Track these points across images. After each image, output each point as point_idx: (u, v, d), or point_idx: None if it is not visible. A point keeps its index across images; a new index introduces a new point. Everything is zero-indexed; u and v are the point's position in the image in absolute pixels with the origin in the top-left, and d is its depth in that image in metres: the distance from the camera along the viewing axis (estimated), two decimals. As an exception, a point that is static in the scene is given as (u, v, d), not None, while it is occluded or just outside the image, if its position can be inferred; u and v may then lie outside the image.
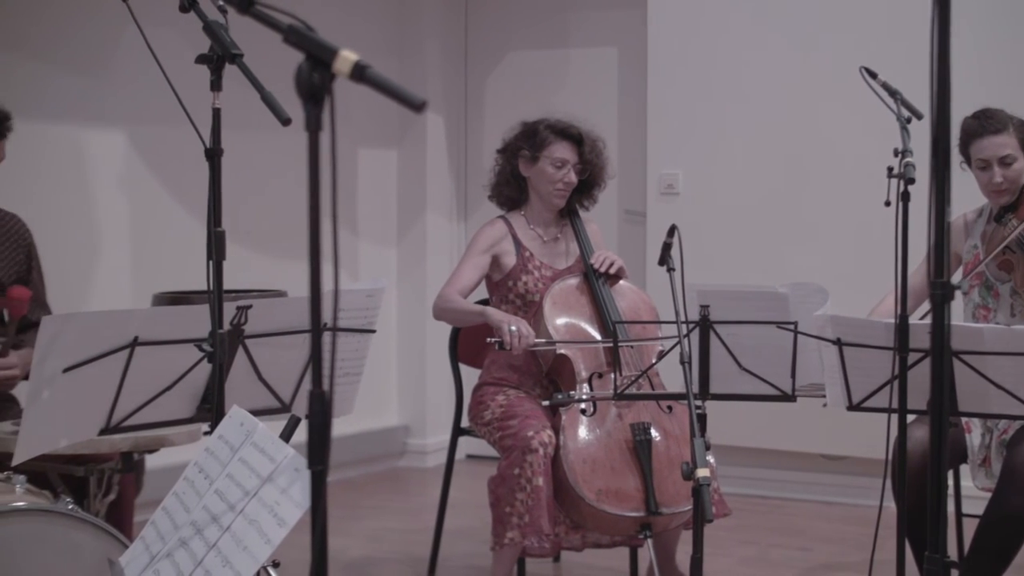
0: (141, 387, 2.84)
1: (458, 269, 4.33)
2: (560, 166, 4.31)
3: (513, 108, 6.67)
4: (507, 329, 4.03)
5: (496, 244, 4.33)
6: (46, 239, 4.06)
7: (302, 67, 1.67)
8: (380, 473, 6.66)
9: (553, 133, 4.32)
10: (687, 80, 6.15)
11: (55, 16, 5.31)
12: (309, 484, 1.73)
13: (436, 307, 4.30)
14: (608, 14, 6.71)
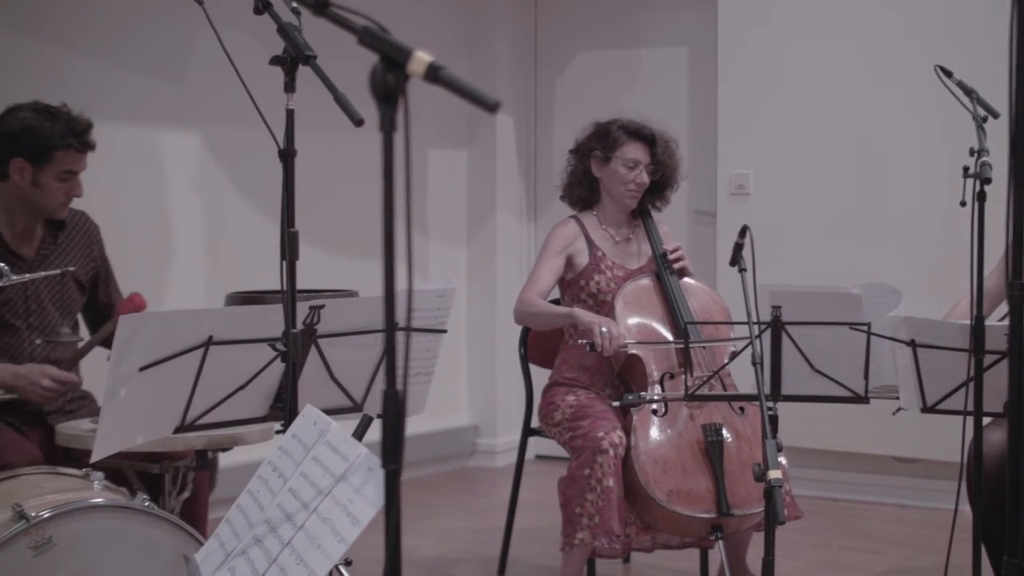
0: (215, 386, 2.87)
1: (535, 271, 4.32)
2: (632, 167, 4.30)
3: (583, 108, 6.67)
4: (598, 331, 4.02)
5: (570, 244, 4.33)
6: (122, 239, 4.11)
7: (376, 68, 1.67)
8: (450, 473, 6.68)
9: (626, 133, 4.31)
10: (758, 79, 6.11)
11: (131, 20, 5.38)
12: (382, 483, 1.74)
13: (518, 312, 4.29)
14: (678, 13, 6.69)
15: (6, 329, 3.74)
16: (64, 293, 3.85)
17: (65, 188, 3.75)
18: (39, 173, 3.72)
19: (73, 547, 2.68)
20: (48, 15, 5.13)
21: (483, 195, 6.94)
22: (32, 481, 2.97)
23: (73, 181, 3.76)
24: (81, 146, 3.74)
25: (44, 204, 3.76)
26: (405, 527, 1.80)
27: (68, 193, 3.76)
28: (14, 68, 4.94)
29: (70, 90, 4.17)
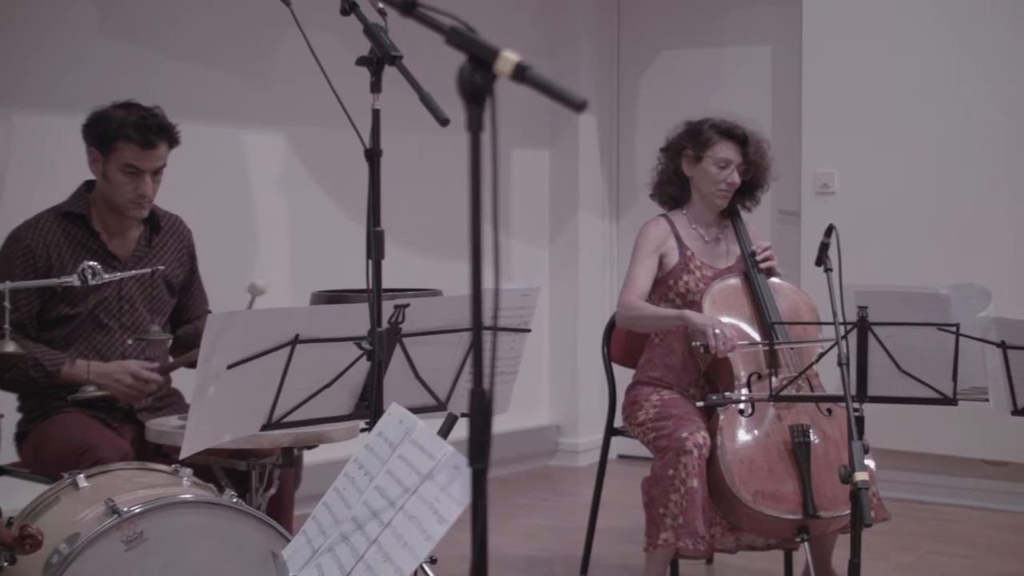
0: (301, 384, 2.90)
1: (631, 273, 4.29)
2: (723, 166, 4.27)
3: (666, 107, 6.64)
4: (711, 332, 4.00)
5: (662, 244, 4.31)
6: (207, 238, 4.15)
7: (464, 68, 1.68)
8: (532, 472, 6.68)
9: (717, 133, 4.28)
10: (843, 77, 6.04)
11: (217, 20, 5.44)
12: (469, 481, 1.74)
13: (622, 316, 4.28)
14: (762, 11, 6.64)
15: (99, 329, 3.80)
16: (155, 295, 3.89)
17: (132, 185, 3.74)
18: (107, 164, 3.76)
19: (163, 542, 2.72)
20: (138, 18, 5.21)
21: (566, 194, 6.94)
22: (123, 476, 3.01)
23: (140, 179, 3.74)
24: (142, 140, 3.71)
25: (114, 199, 3.77)
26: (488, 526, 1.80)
27: (136, 191, 3.74)
28: (106, 70, 5.02)
29: (159, 91, 4.23)
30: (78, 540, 2.65)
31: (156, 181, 3.80)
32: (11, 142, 4.86)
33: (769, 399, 3.87)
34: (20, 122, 4.89)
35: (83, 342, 3.78)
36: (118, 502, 2.72)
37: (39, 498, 3.00)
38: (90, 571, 2.65)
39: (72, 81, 4.95)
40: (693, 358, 4.20)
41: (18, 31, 4.85)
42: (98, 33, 5.07)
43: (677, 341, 4.25)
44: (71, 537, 2.68)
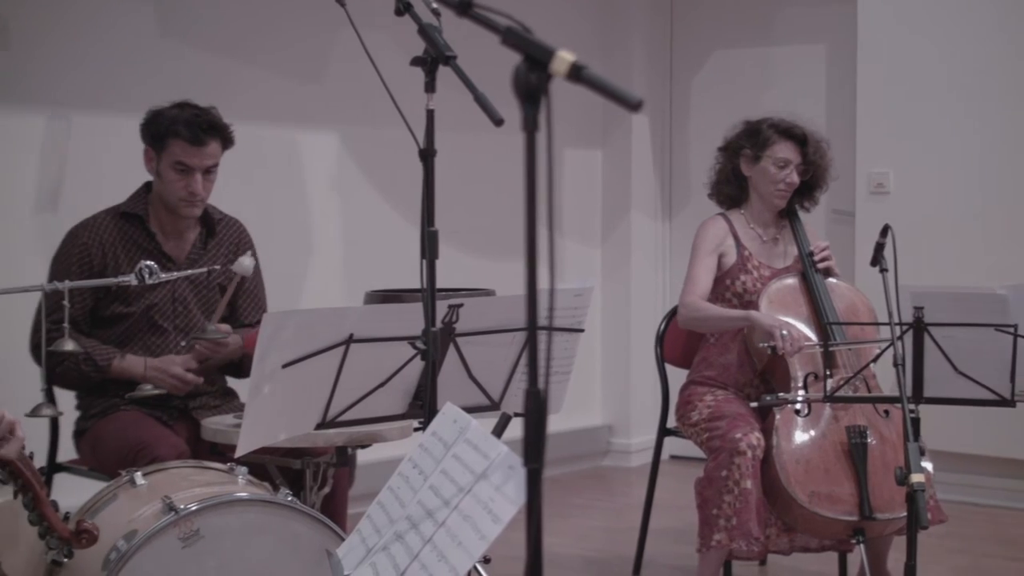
0: (355, 383, 2.91)
1: (692, 273, 4.27)
2: (783, 166, 4.25)
3: (719, 107, 6.62)
4: (779, 334, 3.98)
5: (721, 243, 4.29)
6: (262, 238, 4.18)
7: (519, 68, 1.68)
8: (584, 472, 6.67)
9: (777, 132, 4.26)
10: (898, 76, 5.99)
11: (271, 21, 5.47)
12: (524, 481, 1.75)
13: (685, 317, 4.25)
14: (816, 10, 6.60)
15: (154, 330, 3.83)
16: (208, 296, 3.92)
17: (183, 182, 3.76)
18: (159, 162, 3.79)
19: (219, 539, 2.73)
20: (195, 19, 5.25)
21: (618, 194, 6.92)
22: (180, 474, 3.03)
23: (191, 177, 3.76)
24: (191, 137, 3.74)
25: (167, 197, 3.80)
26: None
27: (186, 188, 3.76)
28: (163, 71, 5.06)
29: (214, 92, 4.26)
30: (136, 537, 2.68)
31: (208, 180, 3.81)
32: (70, 142, 4.92)
33: (823, 400, 3.84)
34: (79, 123, 4.94)
35: (137, 341, 3.81)
36: (175, 500, 2.74)
37: (97, 495, 3.03)
38: (147, 567, 2.67)
39: (129, 82, 5.00)
40: (749, 357, 4.18)
41: (77, 33, 4.90)
42: (156, 35, 5.12)
43: (732, 340, 4.23)
44: (129, 534, 2.70)
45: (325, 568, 2.75)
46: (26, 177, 4.83)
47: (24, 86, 4.79)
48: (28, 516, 2.36)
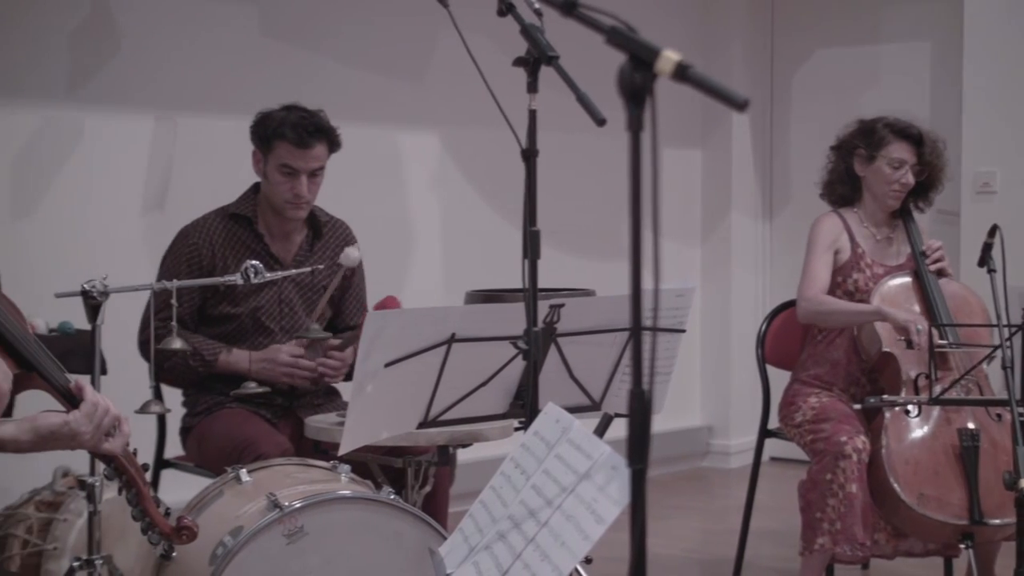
0: (457, 382, 2.92)
1: (809, 267, 4.21)
2: (897, 167, 4.19)
3: (820, 106, 6.55)
4: (914, 328, 3.94)
5: (836, 239, 4.24)
6: (363, 238, 4.21)
7: (624, 68, 1.67)
8: (683, 473, 6.64)
9: (892, 132, 4.20)
10: (1006, 74, 5.89)
11: (374, 23, 5.52)
12: (627, 482, 1.74)
13: (808, 311, 4.19)
14: (921, 7, 6.50)
15: (261, 331, 3.88)
16: (313, 299, 3.95)
17: (288, 184, 3.78)
18: (266, 164, 3.82)
19: (323, 536, 2.76)
20: (298, 21, 5.31)
21: (718, 194, 6.88)
22: (284, 472, 3.07)
23: (296, 180, 3.79)
24: (296, 139, 3.75)
25: (273, 199, 3.84)
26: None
27: (292, 190, 3.79)
28: (266, 73, 5.13)
29: (317, 92, 4.31)
30: (242, 533, 2.71)
31: (314, 183, 3.84)
32: (176, 143, 5.00)
33: (929, 402, 3.78)
34: (184, 124, 5.02)
35: (244, 341, 3.86)
36: (279, 497, 2.77)
37: (203, 491, 3.08)
38: (253, 563, 2.70)
39: (233, 84, 5.07)
40: (857, 354, 4.13)
41: (183, 36, 4.98)
42: (259, 36, 5.19)
43: (840, 336, 4.19)
44: (235, 530, 2.74)
45: (427, 566, 2.77)
46: (134, 178, 4.93)
47: (132, 89, 4.88)
48: (131, 512, 2.40)
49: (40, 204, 4.68)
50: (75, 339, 3.75)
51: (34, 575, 3.48)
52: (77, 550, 3.47)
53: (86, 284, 2.86)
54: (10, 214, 4.54)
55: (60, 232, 4.68)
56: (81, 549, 3.25)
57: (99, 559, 2.79)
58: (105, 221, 4.80)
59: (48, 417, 2.19)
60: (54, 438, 2.19)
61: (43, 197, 4.69)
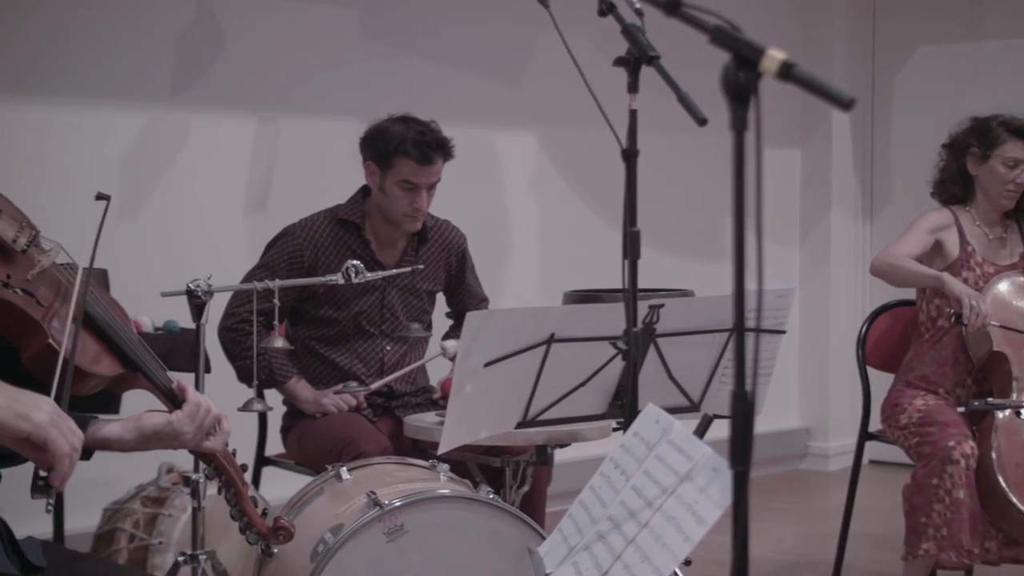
0: (556, 382, 2.92)
1: (904, 237, 4.17)
2: (1012, 166, 4.12)
3: (923, 105, 6.46)
4: (968, 303, 3.89)
5: (941, 229, 4.18)
6: (462, 237, 4.23)
7: (728, 67, 1.66)
8: (781, 475, 6.59)
9: (1007, 131, 4.13)
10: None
11: (472, 24, 5.55)
12: (729, 483, 1.73)
13: (881, 261, 4.15)
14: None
15: (362, 335, 3.91)
16: (415, 304, 3.98)
17: (408, 199, 3.80)
18: (384, 178, 3.83)
19: (422, 535, 2.78)
20: (397, 22, 5.35)
21: (817, 194, 6.82)
22: (384, 470, 3.09)
23: (416, 194, 3.80)
24: (419, 156, 3.77)
25: (390, 212, 3.85)
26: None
27: (411, 204, 3.81)
28: (366, 74, 5.18)
29: (415, 93, 4.35)
30: (342, 531, 2.74)
31: (430, 195, 3.86)
32: (278, 144, 5.06)
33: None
34: (286, 125, 5.08)
35: (345, 344, 3.90)
36: (380, 495, 2.79)
37: (304, 489, 3.11)
38: (353, 561, 2.73)
39: (334, 85, 5.13)
40: (965, 353, 4.07)
41: (285, 38, 5.04)
42: (359, 38, 5.24)
43: (947, 335, 4.13)
44: (335, 528, 2.76)
45: (525, 565, 2.77)
46: (237, 179, 5.00)
47: (235, 91, 4.95)
48: (230, 511, 2.43)
49: (145, 204, 4.76)
50: (179, 338, 3.82)
51: (140, 568, 3.54)
52: (181, 545, 3.53)
53: (191, 284, 2.89)
54: (117, 214, 4.61)
55: (164, 232, 4.76)
56: (185, 544, 3.30)
57: (203, 554, 2.82)
58: (208, 221, 4.88)
59: (152, 417, 2.23)
60: (157, 437, 2.22)
61: (148, 198, 4.77)
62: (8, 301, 2.05)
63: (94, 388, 2.19)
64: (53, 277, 2.16)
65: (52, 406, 1.91)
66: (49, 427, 1.87)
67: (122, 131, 4.71)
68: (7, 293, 2.05)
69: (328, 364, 3.92)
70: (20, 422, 1.86)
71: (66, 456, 1.89)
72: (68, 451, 1.89)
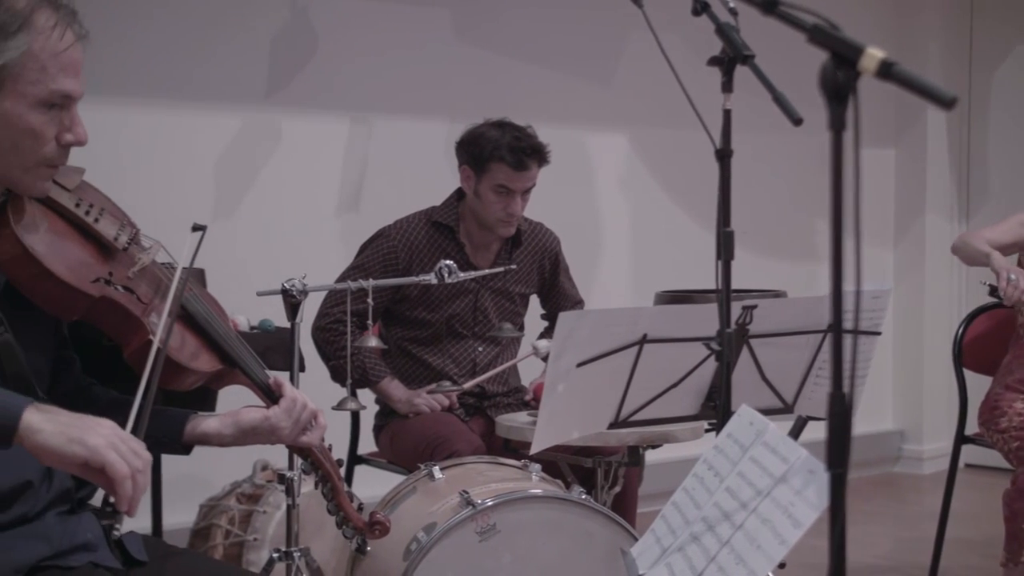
0: (648, 383, 2.91)
1: (996, 224, 4.17)
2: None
3: (1021, 104, 6.35)
4: (1005, 276, 3.84)
5: None
6: (553, 238, 4.24)
7: (826, 66, 1.65)
8: (874, 478, 6.51)
9: None
10: None
11: (563, 24, 5.55)
12: (826, 486, 1.72)
13: (957, 237, 4.19)
14: None
15: (455, 338, 3.93)
16: (508, 307, 3.99)
17: (502, 204, 3.82)
18: (479, 183, 3.85)
19: (515, 534, 2.78)
20: (489, 24, 5.37)
21: (912, 195, 6.73)
22: (476, 470, 3.10)
23: (510, 198, 3.82)
24: (515, 162, 3.79)
25: (484, 216, 3.87)
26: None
27: (506, 209, 3.83)
28: (459, 75, 5.20)
29: (507, 94, 4.36)
30: (435, 529, 2.75)
31: (524, 200, 3.87)
32: (370, 145, 5.10)
33: None
34: (379, 126, 5.12)
35: (438, 345, 3.92)
36: (472, 494, 2.80)
37: (397, 487, 3.13)
38: (446, 559, 2.74)
39: (427, 85, 5.15)
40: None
41: (377, 39, 5.08)
42: (452, 38, 5.26)
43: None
44: (428, 526, 2.78)
45: (618, 566, 2.77)
46: (330, 179, 5.04)
47: (329, 92, 5.00)
48: (327, 506, 2.45)
49: (240, 205, 4.82)
50: (275, 336, 3.86)
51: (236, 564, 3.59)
52: (276, 542, 3.57)
53: (286, 283, 2.92)
54: (213, 214, 4.69)
55: (259, 231, 4.82)
56: (280, 541, 3.34)
57: (297, 551, 2.85)
58: (301, 221, 4.92)
59: (249, 412, 2.25)
60: (255, 433, 2.25)
61: (243, 198, 4.83)
62: (110, 298, 2.09)
63: (193, 384, 2.22)
64: (153, 275, 2.20)
65: (111, 428, 1.82)
66: (106, 450, 1.79)
67: (218, 132, 4.78)
68: (109, 290, 2.09)
69: (421, 364, 3.94)
70: (75, 447, 1.77)
71: (126, 479, 1.79)
72: (127, 473, 1.79)
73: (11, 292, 2.04)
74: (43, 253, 2.02)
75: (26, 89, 1.95)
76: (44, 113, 1.98)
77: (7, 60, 1.93)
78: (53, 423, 1.78)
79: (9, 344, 2.01)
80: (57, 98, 1.98)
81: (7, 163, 1.99)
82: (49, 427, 1.77)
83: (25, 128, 1.97)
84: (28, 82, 1.95)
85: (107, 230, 2.13)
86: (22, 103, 1.96)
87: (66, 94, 1.99)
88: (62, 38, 1.97)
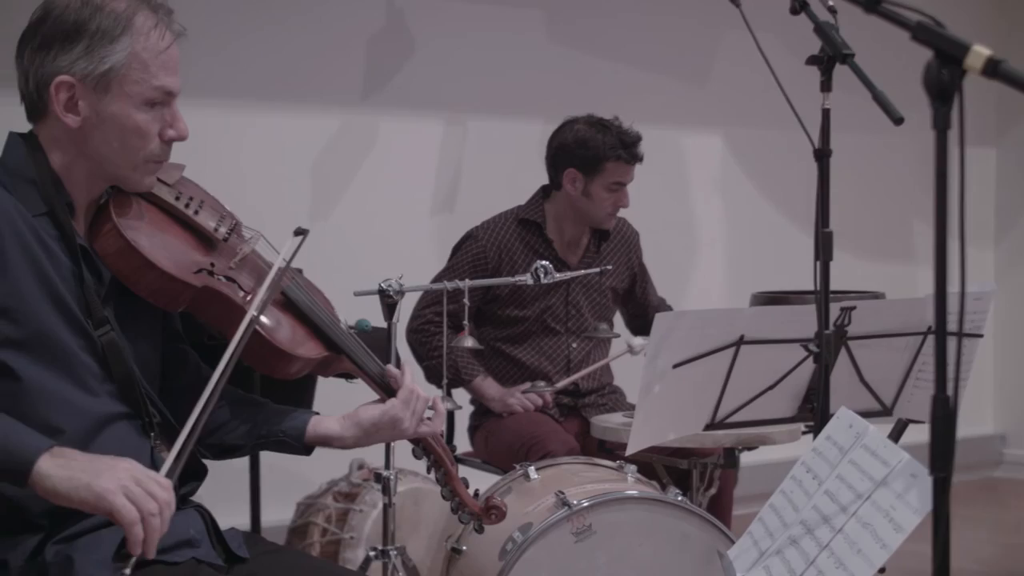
0: (745, 385, 2.90)
1: None
2: None
3: None
4: None
5: None
6: (646, 238, 4.22)
7: (931, 64, 1.63)
8: (973, 482, 6.40)
9: None
10: None
11: (657, 24, 5.53)
12: (928, 490, 1.69)
13: None
14: None
15: (548, 333, 3.94)
16: (600, 301, 3.99)
17: (613, 199, 3.89)
18: (590, 184, 3.88)
19: (610, 535, 2.77)
20: (582, 23, 5.36)
21: (1014, 194, 6.62)
22: (571, 470, 3.09)
23: (620, 192, 3.90)
24: (629, 157, 3.87)
25: (593, 214, 3.91)
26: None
27: (616, 204, 3.90)
28: (552, 75, 5.20)
29: (600, 94, 4.35)
30: (531, 529, 2.75)
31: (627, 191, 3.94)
32: (465, 145, 5.12)
33: None
34: (473, 127, 5.14)
35: (530, 342, 3.93)
36: (568, 495, 2.80)
37: (492, 487, 3.12)
38: (542, 559, 2.74)
39: (521, 86, 5.17)
40: None
41: (472, 40, 5.10)
42: (546, 39, 5.27)
43: None
44: (524, 526, 2.78)
45: (714, 568, 2.76)
46: (425, 180, 5.07)
47: (424, 93, 5.02)
48: (441, 491, 2.46)
49: (337, 205, 4.86)
50: (371, 336, 3.87)
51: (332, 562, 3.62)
52: (372, 540, 3.59)
53: (383, 283, 2.94)
54: (309, 215, 4.73)
55: (355, 232, 4.85)
56: (376, 539, 3.36)
57: (393, 550, 2.87)
58: (397, 221, 4.95)
59: (368, 410, 2.26)
60: (376, 429, 2.25)
61: (340, 198, 4.87)
62: (212, 288, 2.12)
63: (299, 371, 2.23)
64: (254, 264, 2.22)
65: (127, 471, 1.82)
66: (114, 496, 1.77)
67: (315, 133, 4.82)
68: (212, 280, 2.12)
69: (515, 363, 3.95)
70: (81, 493, 1.78)
71: (133, 524, 1.77)
72: (135, 519, 1.77)
73: (119, 289, 2.08)
74: (145, 245, 2.06)
75: (131, 89, 2.02)
76: (148, 111, 2.04)
77: (113, 63, 2.00)
78: (65, 468, 1.80)
79: (115, 344, 2.04)
80: (160, 95, 2.05)
81: (116, 162, 2.05)
82: (58, 473, 1.79)
83: (132, 127, 2.03)
84: (133, 82, 2.01)
85: (207, 222, 2.17)
86: (128, 104, 2.02)
87: (168, 91, 2.06)
88: (162, 38, 2.04)
